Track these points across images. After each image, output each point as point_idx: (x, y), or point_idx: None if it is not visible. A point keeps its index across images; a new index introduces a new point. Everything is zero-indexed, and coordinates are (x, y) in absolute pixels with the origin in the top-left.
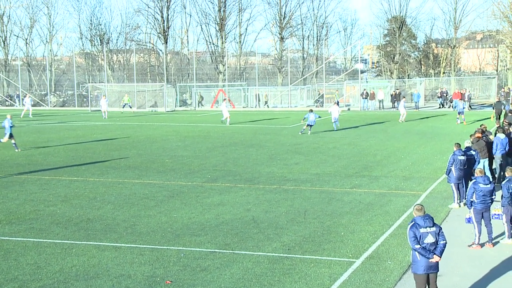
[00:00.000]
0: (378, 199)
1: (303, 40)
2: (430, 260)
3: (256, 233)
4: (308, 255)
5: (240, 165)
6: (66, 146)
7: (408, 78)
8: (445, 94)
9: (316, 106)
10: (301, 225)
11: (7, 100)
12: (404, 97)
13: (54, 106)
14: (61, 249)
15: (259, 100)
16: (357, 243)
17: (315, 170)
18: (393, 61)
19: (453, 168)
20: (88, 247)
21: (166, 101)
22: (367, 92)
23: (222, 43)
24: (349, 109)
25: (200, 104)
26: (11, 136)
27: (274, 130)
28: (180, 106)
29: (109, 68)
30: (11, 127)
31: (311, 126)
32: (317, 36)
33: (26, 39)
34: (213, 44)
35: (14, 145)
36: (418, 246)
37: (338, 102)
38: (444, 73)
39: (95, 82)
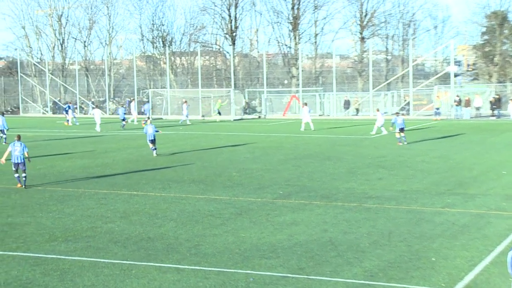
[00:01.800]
0: (475, 221)
1: (387, 40)
2: None
3: (334, 257)
4: (394, 283)
5: (316, 179)
6: (125, 157)
7: (511, 82)
8: None
9: (402, 114)
10: (385, 248)
11: (64, 109)
12: None
13: (112, 114)
14: (119, 270)
15: (348, 107)
16: (451, 271)
17: (401, 187)
18: (492, 62)
19: None
20: (149, 269)
21: (234, 108)
22: (460, 99)
23: (296, 44)
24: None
25: (247, 111)
26: (153, 141)
27: (354, 140)
28: (248, 113)
29: (172, 72)
30: (156, 131)
31: (403, 129)
32: (403, 36)
33: (85, 42)
34: (286, 45)
35: (154, 150)
36: None
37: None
38: None
39: (157, 88)
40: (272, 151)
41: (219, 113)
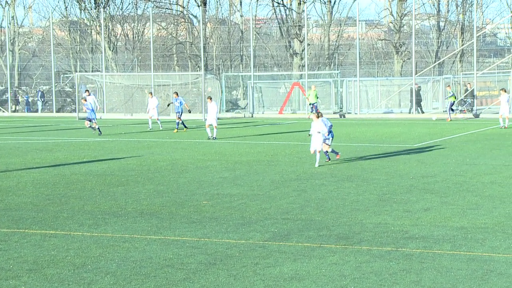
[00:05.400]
0: None
1: None
2: None
3: None
4: None
5: (329, 211)
6: (36, 177)
7: None
8: None
9: (461, 110)
10: None
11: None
12: None
13: (16, 111)
14: None
15: (418, 100)
16: None
17: (459, 222)
18: None
19: None
20: None
21: (205, 102)
22: None
23: (299, 4)
24: None
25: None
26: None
27: (387, 151)
28: (227, 110)
29: (110, 48)
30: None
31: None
32: None
33: None
34: (284, 5)
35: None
36: None
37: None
38: None
39: (86, 71)
40: (262, 168)
41: (316, 108)
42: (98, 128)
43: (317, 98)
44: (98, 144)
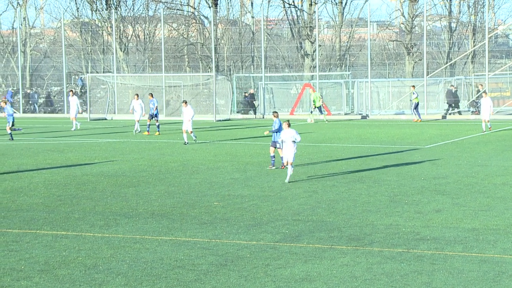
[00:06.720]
0: None
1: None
2: None
3: None
4: None
5: (340, 212)
6: (48, 178)
7: None
8: None
9: (473, 112)
10: None
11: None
12: None
13: (27, 111)
14: None
15: (454, 101)
16: None
17: (471, 223)
18: None
19: None
20: None
21: (216, 103)
22: None
23: (311, 5)
24: None
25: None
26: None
27: (398, 152)
28: (238, 111)
29: (121, 49)
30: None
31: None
32: None
33: None
34: (295, 6)
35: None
36: None
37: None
38: None
39: (98, 72)
40: (273, 170)
41: (320, 110)
42: (10, 134)
43: (319, 99)
44: (109, 145)
